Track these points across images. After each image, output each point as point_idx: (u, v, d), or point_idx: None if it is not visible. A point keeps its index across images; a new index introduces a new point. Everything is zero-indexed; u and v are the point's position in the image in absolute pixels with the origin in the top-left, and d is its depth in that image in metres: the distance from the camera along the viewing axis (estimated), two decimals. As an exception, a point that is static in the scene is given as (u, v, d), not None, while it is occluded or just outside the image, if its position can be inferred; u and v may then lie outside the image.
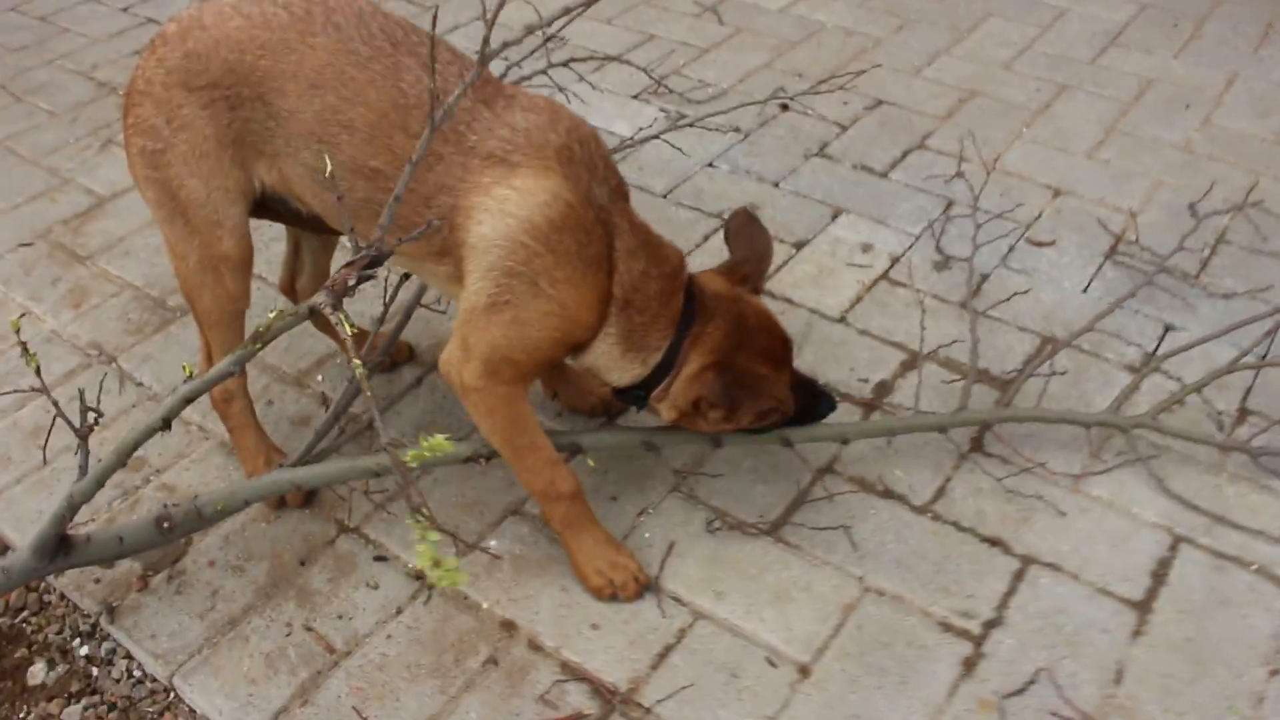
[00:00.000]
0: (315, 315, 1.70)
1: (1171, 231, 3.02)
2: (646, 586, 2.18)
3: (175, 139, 2.03)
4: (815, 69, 3.90)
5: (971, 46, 4.03)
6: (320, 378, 2.73)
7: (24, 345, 1.82)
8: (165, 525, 2.07)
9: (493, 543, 2.30)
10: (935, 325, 2.75)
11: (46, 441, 2.39)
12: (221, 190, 2.07)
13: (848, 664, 2.04)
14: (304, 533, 2.34)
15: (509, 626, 2.14)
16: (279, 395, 2.68)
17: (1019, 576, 2.18)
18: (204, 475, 2.47)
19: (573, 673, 2.05)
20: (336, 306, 1.57)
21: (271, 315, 1.67)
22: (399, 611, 2.17)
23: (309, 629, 2.15)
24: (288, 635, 2.14)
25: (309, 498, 2.40)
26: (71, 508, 1.93)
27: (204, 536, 2.33)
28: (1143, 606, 2.12)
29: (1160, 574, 2.18)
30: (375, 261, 1.59)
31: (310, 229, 2.35)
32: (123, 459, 1.87)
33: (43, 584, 2.31)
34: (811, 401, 2.19)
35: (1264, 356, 2.50)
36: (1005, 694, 1.98)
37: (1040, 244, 3.04)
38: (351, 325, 1.54)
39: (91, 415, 1.89)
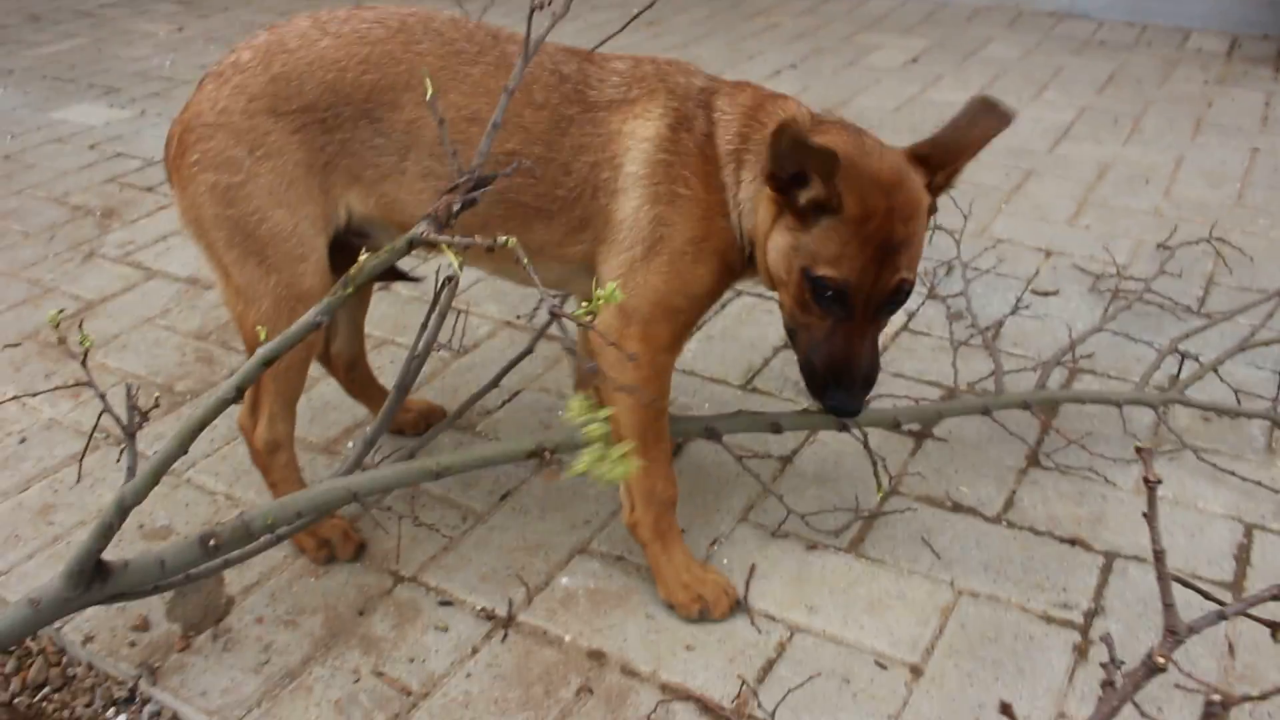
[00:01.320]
0: (413, 247, 1.56)
1: (1163, 276, 3.17)
2: (737, 603, 2.09)
3: (259, 168, 1.93)
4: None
5: (934, 144, 4.27)
6: (350, 444, 2.63)
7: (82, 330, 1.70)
8: (211, 543, 1.87)
9: (564, 580, 2.19)
10: (963, 364, 2.79)
11: (82, 457, 2.23)
12: (308, 220, 1.97)
13: (959, 660, 1.96)
14: (358, 584, 2.19)
15: (597, 656, 2.01)
16: (308, 464, 2.54)
17: (1107, 570, 2.16)
18: (237, 541, 2.31)
19: (675, 693, 1.92)
20: (440, 230, 1.52)
21: (363, 256, 1.58)
22: (474, 651, 2.03)
23: (379, 674, 1.98)
24: (356, 682, 1.97)
25: (359, 550, 2.26)
26: (121, 511, 1.73)
27: (248, 594, 2.17)
28: (1235, 587, 2.11)
29: (1243, 558, 2.18)
30: (480, 184, 1.54)
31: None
32: (185, 443, 1.69)
33: (65, 657, 2.10)
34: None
35: None
36: (1126, 673, 1.91)
37: (1045, 294, 3.15)
38: (457, 253, 1.47)
39: (138, 415, 1.77)
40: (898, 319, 3.06)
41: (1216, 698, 1.16)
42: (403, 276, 2.53)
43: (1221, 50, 5.46)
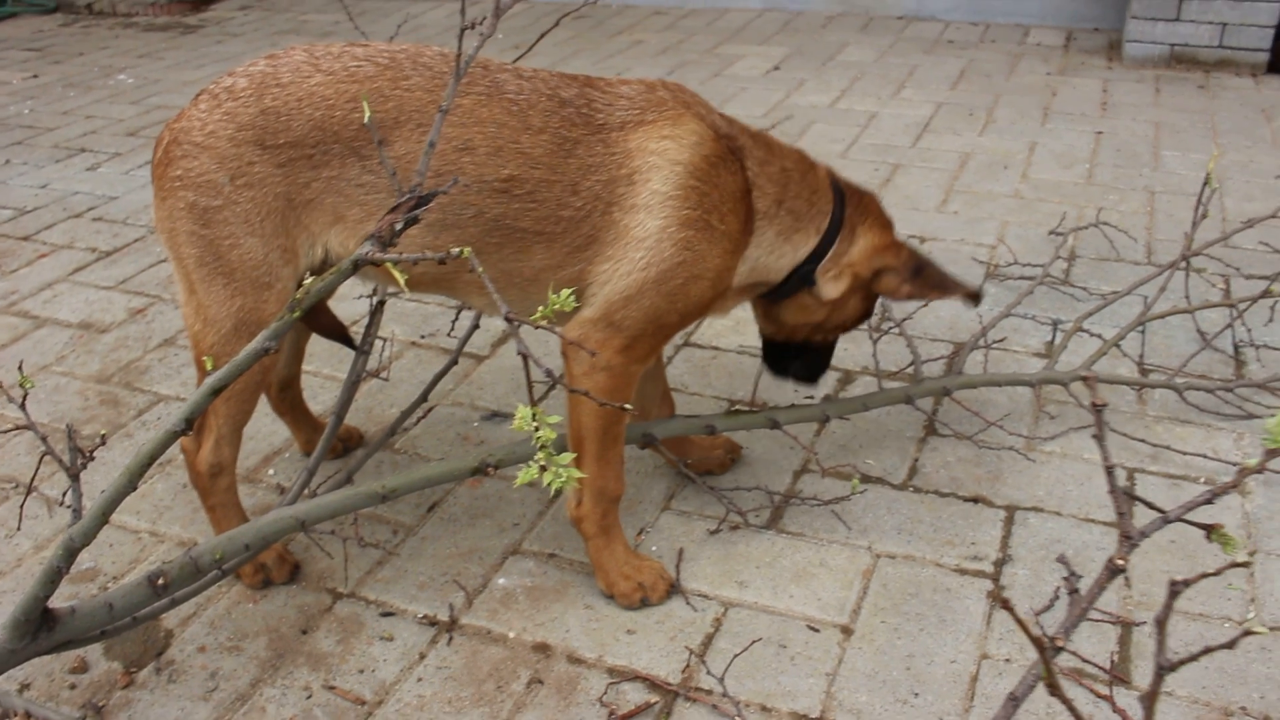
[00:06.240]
0: (358, 268, 1.58)
1: (1032, 254, 3.40)
2: (673, 586, 2.18)
3: (238, 196, 1.95)
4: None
5: (806, 145, 4.46)
6: (272, 471, 2.63)
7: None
8: (159, 582, 1.86)
9: (501, 580, 2.25)
10: (857, 349, 2.96)
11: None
12: (279, 251, 1.99)
13: (885, 617, 2.10)
14: (298, 605, 2.21)
15: (543, 648, 2.07)
16: (230, 494, 2.55)
17: (1009, 522, 2.33)
18: (166, 576, 2.30)
19: (622, 674, 2.00)
20: (385, 249, 1.55)
21: (308, 281, 1.62)
22: (422, 657, 2.07)
23: (331, 688, 2.01)
24: (309, 698, 1.99)
25: (294, 571, 2.28)
26: (69, 554, 1.72)
27: (186, 625, 2.17)
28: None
29: (1129, 498, 2.37)
30: (421, 203, 1.58)
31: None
32: (135, 479, 1.69)
33: None
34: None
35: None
36: (1037, 612, 2.07)
37: (924, 277, 3.35)
38: (402, 272, 1.52)
39: (80, 456, 1.78)
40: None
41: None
42: (349, 344, 2.54)
43: (1059, 44, 5.84)
